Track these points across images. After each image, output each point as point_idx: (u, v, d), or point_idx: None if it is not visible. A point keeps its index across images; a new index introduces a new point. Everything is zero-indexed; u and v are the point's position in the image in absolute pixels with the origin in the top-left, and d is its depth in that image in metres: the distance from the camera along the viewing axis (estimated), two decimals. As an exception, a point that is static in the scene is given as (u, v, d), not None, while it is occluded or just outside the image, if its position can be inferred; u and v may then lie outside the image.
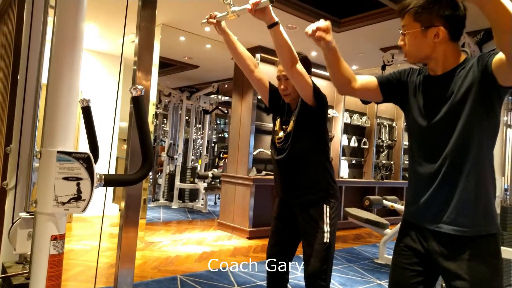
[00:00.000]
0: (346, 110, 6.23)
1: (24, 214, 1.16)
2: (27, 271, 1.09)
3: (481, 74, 1.21)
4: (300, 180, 1.85)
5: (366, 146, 6.70)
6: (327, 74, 5.28)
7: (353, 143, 6.48)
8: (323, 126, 1.90)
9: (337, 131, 6.17)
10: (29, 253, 1.11)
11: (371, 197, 4.31)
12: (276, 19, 1.60)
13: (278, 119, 1.97)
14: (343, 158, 6.34)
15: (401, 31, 1.34)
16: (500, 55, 1.14)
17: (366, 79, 1.46)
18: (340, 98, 6.23)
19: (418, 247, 1.33)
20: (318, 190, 1.84)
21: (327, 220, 1.80)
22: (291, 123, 1.86)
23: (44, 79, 1.43)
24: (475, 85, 1.22)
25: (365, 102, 1.59)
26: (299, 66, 1.68)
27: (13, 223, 1.19)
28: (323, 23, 1.37)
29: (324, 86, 6.10)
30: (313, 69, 1.96)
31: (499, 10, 0.98)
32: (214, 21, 1.76)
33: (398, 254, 1.39)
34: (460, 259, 1.22)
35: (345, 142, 6.32)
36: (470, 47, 3.18)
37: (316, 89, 1.77)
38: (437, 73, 1.32)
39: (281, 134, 1.91)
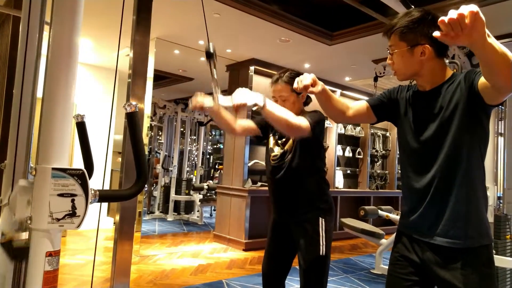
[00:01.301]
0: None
1: (23, 181, 1.17)
2: (27, 238, 1.09)
3: (467, 92, 1.24)
4: (296, 198, 1.86)
5: (361, 156, 6.74)
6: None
7: (348, 153, 6.51)
8: (320, 145, 1.92)
9: (331, 141, 6.20)
10: (29, 221, 1.11)
11: (366, 207, 4.32)
12: (262, 103, 1.53)
13: (271, 136, 1.98)
14: (338, 168, 6.36)
15: (388, 51, 1.38)
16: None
17: (358, 105, 1.54)
18: (334, 109, 6.28)
19: (413, 257, 1.35)
20: (314, 207, 1.85)
21: (322, 233, 1.81)
22: (290, 142, 1.87)
23: (39, 93, 1.43)
24: (462, 102, 1.26)
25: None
26: (298, 128, 1.67)
27: (12, 190, 1.20)
28: (308, 79, 1.38)
29: (318, 97, 6.14)
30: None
31: (493, 54, 1.00)
32: (201, 108, 1.67)
33: (394, 264, 1.41)
34: (454, 269, 1.24)
35: (339, 152, 6.35)
36: (460, 58, 3.24)
37: (315, 127, 1.74)
38: (425, 89, 1.37)
39: (276, 151, 1.91)
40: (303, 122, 1.70)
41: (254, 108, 1.55)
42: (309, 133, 1.74)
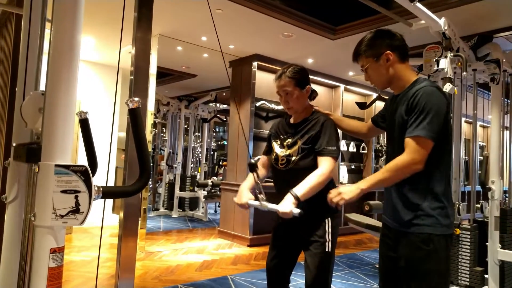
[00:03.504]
0: (344, 116, 6.24)
1: (34, 91, 1.18)
2: (39, 140, 1.10)
3: (405, 110, 1.53)
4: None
5: (365, 151, 6.71)
6: (325, 80, 5.34)
7: (352, 148, 6.49)
8: None
9: (335, 136, 6.18)
10: (40, 128, 1.11)
11: (371, 202, 4.30)
12: (295, 199, 1.66)
13: (273, 142, 1.98)
14: (342, 163, 6.34)
15: (362, 70, 1.67)
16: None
17: (369, 123, 1.91)
18: (337, 104, 6.26)
19: (387, 239, 1.66)
20: (321, 207, 1.82)
21: (329, 230, 1.81)
22: (296, 146, 1.85)
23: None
24: (404, 112, 1.53)
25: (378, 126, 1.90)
26: (329, 175, 1.75)
27: (24, 99, 1.22)
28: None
29: (321, 92, 6.13)
30: (310, 76, 1.98)
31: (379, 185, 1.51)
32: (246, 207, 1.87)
33: (380, 245, 1.75)
34: (403, 246, 1.55)
35: (343, 147, 6.33)
36: (465, 51, 3.20)
37: (336, 154, 1.80)
38: (396, 93, 1.64)
39: (281, 153, 1.90)
40: (326, 169, 1.74)
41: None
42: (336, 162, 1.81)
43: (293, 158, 1.83)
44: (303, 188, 1.68)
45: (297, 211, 1.60)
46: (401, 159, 1.45)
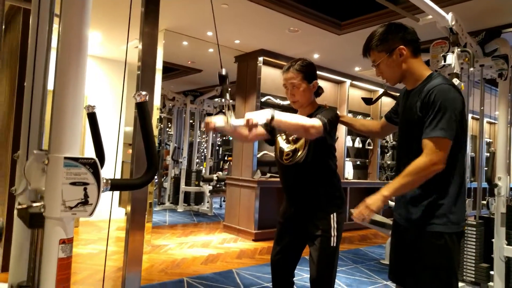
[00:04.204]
0: (350, 111, 6.23)
1: (37, 151, 1.20)
2: (42, 203, 1.12)
3: (419, 107, 1.50)
4: (309, 195, 1.86)
5: (371, 147, 6.70)
6: (330, 76, 5.34)
7: (358, 144, 6.47)
8: (332, 141, 1.90)
9: (341, 132, 6.17)
10: (43, 188, 1.13)
11: (376, 197, 4.30)
12: (270, 115, 1.59)
13: (279, 136, 1.98)
14: (348, 159, 6.34)
15: (373, 66, 1.62)
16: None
17: (381, 122, 1.89)
18: (343, 100, 6.24)
19: (398, 234, 1.69)
20: (327, 202, 1.85)
21: (334, 225, 1.82)
22: (302, 140, 1.85)
23: (50, 86, 1.45)
24: (418, 109, 1.50)
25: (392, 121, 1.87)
26: (313, 129, 1.66)
27: (27, 159, 1.23)
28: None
29: (327, 87, 6.11)
30: (316, 71, 1.98)
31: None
32: (213, 129, 1.73)
33: (391, 240, 1.76)
34: (414, 241, 1.58)
35: (349, 143, 6.31)
36: (472, 47, 3.18)
37: (329, 130, 1.74)
38: (409, 88, 1.60)
39: (287, 148, 1.90)
40: (316, 122, 1.69)
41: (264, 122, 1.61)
42: (323, 133, 1.73)
43: (299, 153, 1.84)
44: (282, 113, 1.65)
45: (263, 120, 1.57)
46: (421, 162, 1.42)
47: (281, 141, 1.95)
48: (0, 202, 3.02)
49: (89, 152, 4.76)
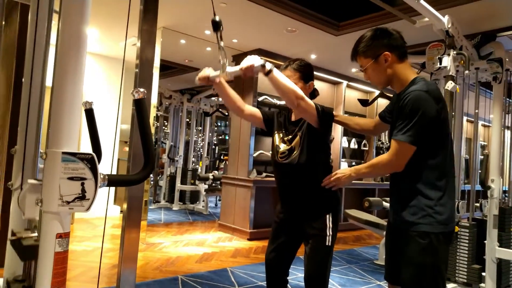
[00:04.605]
0: (346, 112, 6.26)
1: (32, 181, 1.20)
2: (36, 234, 1.12)
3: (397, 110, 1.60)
4: (304, 194, 1.87)
5: (366, 148, 6.73)
6: (327, 76, 5.35)
7: (353, 145, 6.51)
8: (327, 139, 1.91)
9: (337, 133, 6.20)
10: (37, 218, 1.13)
11: (371, 198, 4.34)
12: (269, 68, 1.60)
13: (276, 134, 1.97)
14: (343, 160, 6.37)
15: (361, 70, 1.69)
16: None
17: (376, 120, 1.93)
18: (340, 100, 6.27)
19: (389, 234, 1.74)
20: (322, 202, 1.85)
21: (330, 224, 1.82)
22: (297, 138, 1.86)
23: (48, 82, 1.46)
24: (397, 112, 1.58)
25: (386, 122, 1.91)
26: (305, 102, 1.69)
27: (21, 189, 1.23)
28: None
29: (324, 88, 6.14)
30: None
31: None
32: (207, 80, 1.74)
33: (385, 239, 1.80)
34: (401, 241, 1.63)
35: (345, 144, 6.35)
36: (468, 50, 3.21)
37: (322, 116, 1.76)
38: (397, 91, 1.65)
39: (283, 147, 1.90)
40: (309, 100, 1.72)
41: (260, 74, 1.61)
42: (317, 121, 1.75)
43: (295, 152, 1.85)
44: (281, 73, 1.67)
45: (260, 62, 1.56)
46: (382, 159, 1.60)
47: (278, 139, 1.96)
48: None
49: (85, 148, 4.74)
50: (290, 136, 1.90)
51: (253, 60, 1.57)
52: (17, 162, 1.54)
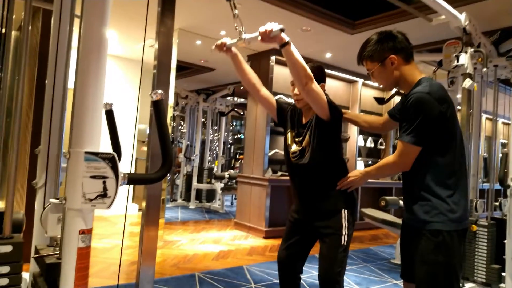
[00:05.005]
0: (362, 111, 6.22)
1: (54, 200, 1.25)
2: (58, 252, 1.17)
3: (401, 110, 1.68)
4: (319, 193, 1.87)
5: (383, 147, 6.67)
6: (343, 75, 5.35)
7: (369, 143, 6.46)
8: (338, 137, 1.90)
9: (353, 132, 6.17)
10: (59, 236, 1.18)
11: (387, 197, 4.30)
12: (287, 39, 1.60)
13: (289, 132, 1.98)
14: (359, 159, 6.33)
15: (368, 74, 1.72)
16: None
17: (385, 117, 1.93)
18: (356, 99, 6.23)
19: (404, 233, 1.76)
20: (337, 200, 1.85)
21: (345, 224, 1.82)
22: (307, 138, 1.86)
23: (70, 84, 1.51)
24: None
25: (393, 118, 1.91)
26: (314, 85, 1.69)
27: (44, 208, 1.28)
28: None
29: (339, 86, 6.11)
30: (328, 71, 2.00)
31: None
32: (224, 48, 1.79)
33: (400, 239, 1.80)
34: (415, 239, 1.63)
35: (361, 143, 6.31)
36: (486, 47, 3.16)
37: (330, 104, 1.77)
38: (405, 92, 1.66)
39: (294, 147, 1.91)
40: (321, 91, 1.72)
41: (278, 46, 1.60)
42: (324, 108, 1.74)
43: (306, 152, 1.85)
44: (295, 49, 1.66)
45: (279, 26, 1.53)
46: (389, 161, 1.66)
47: (290, 138, 1.96)
48: (19, 195, 3.12)
49: (104, 148, 4.84)
50: (301, 137, 1.90)
51: (272, 25, 1.55)
52: (41, 162, 1.60)
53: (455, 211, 1.51)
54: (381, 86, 1.72)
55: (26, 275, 1.54)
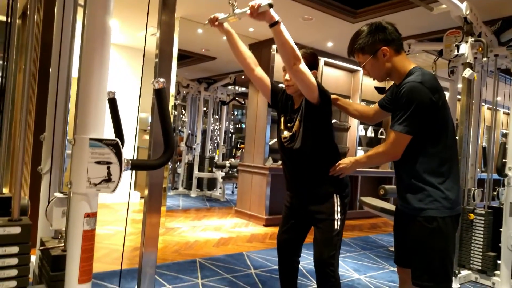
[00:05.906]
0: (363, 100, 6.23)
1: (59, 194, 1.29)
2: (63, 244, 1.22)
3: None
4: (310, 177, 1.90)
5: (383, 136, 6.70)
6: (344, 64, 5.36)
7: (370, 133, 6.48)
8: (328, 122, 1.91)
9: (353, 121, 6.18)
10: (64, 229, 1.23)
11: (386, 186, 4.34)
12: (277, 18, 1.60)
13: (282, 117, 2.00)
14: (360, 148, 6.36)
15: (359, 66, 1.72)
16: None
17: (375, 107, 1.94)
18: (357, 88, 6.23)
19: (398, 219, 1.79)
20: (328, 185, 1.88)
21: (338, 208, 1.86)
22: (297, 123, 1.88)
23: (74, 73, 1.54)
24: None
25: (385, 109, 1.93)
26: (302, 66, 1.69)
27: (49, 202, 1.32)
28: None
29: (341, 76, 6.11)
30: (330, 60, 2.01)
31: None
32: (216, 23, 1.80)
33: (394, 225, 1.85)
34: (410, 226, 1.67)
35: (361, 132, 6.33)
36: (487, 36, 3.17)
37: (319, 86, 1.79)
38: (396, 83, 1.68)
39: (286, 133, 1.94)
40: (309, 72, 1.72)
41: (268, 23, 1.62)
42: (316, 97, 1.75)
43: (296, 137, 1.87)
44: (284, 27, 1.67)
45: (267, 1, 1.53)
46: (379, 150, 1.68)
47: (282, 122, 1.99)
48: (24, 181, 3.17)
49: (106, 135, 4.88)
50: (292, 123, 1.92)
51: (261, 0, 1.54)
52: (46, 148, 1.64)
53: (449, 197, 1.55)
54: (373, 78, 1.73)
55: (32, 258, 1.59)
